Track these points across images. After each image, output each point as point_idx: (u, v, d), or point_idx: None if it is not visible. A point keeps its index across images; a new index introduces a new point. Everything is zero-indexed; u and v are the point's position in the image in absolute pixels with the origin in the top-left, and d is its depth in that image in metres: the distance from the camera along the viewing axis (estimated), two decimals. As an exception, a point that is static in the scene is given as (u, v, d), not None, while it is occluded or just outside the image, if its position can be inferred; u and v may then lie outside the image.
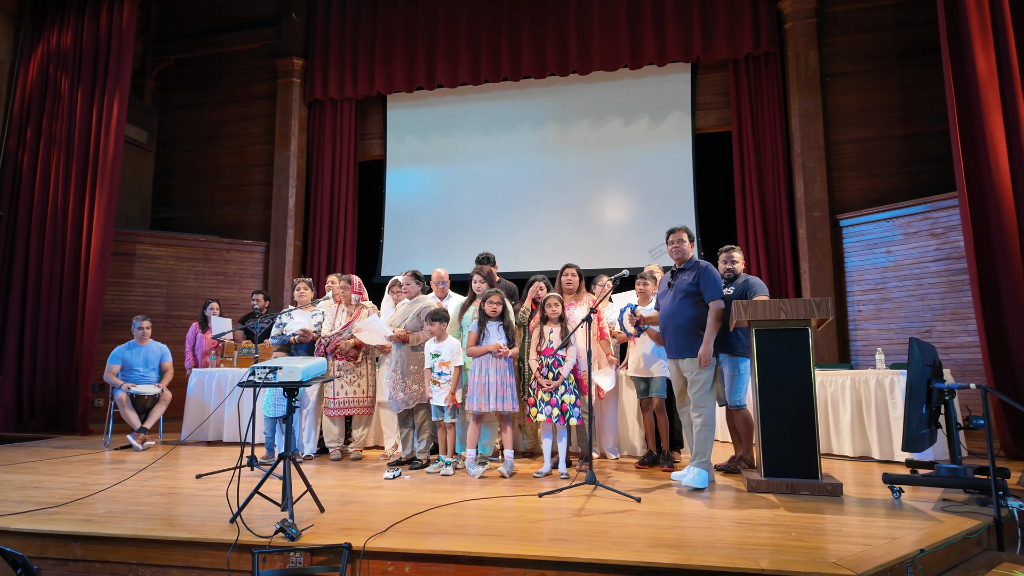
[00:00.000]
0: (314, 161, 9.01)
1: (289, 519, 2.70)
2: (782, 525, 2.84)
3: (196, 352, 6.38)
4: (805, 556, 2.36)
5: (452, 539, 2.63)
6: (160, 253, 8.28)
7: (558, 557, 2.40)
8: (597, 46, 8.01)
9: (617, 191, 8.20)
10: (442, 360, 4.22)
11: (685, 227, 4.08)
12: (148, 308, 8.09)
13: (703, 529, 2.77)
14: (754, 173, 7.57)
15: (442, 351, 4.24)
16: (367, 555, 2.53)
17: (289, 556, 2.62)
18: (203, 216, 9.16)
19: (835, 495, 3.47)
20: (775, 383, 3.69)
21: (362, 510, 3.20)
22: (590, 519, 2.95)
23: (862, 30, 7.43)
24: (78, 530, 2.87)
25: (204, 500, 3.48)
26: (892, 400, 4.67)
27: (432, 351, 4.28)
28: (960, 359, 6.17)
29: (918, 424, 3.36)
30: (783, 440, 3.63)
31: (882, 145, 7.26)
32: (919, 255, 6.59)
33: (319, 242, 8.77)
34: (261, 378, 2.85)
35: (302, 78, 9.05)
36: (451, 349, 4.24)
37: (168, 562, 2.75)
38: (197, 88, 9.47)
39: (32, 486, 3.88)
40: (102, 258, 6.89)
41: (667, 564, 2.30)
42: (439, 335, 4.28)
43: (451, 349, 4.24)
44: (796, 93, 7.43)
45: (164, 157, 9.40)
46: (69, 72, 7.41)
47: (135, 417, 5.53)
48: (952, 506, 3.21)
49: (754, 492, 3.58)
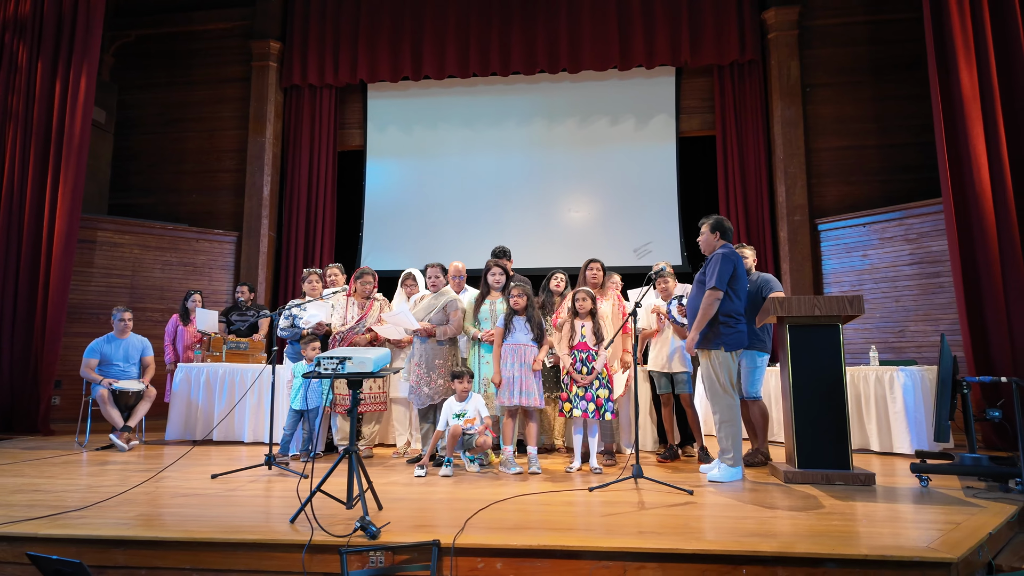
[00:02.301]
0: (290, 149, 8.65)
1: (365, 517, 2.56)
2: (844, 513, 2.92)
3: (177, 346, 6.00)
4: (891, 542, 2.44)
5: (537, 534, 2.57)
6: (124, 241, 7.74)
7: (659, 549, 2.38)
8: (587, 45, 8.06)
9: (603, 190, 8.27)
10: (468, 418, 4.06)
11: (710, 218, 4.11)
12: (110, 299, 7.55)
13: (777, 519, 2.81)
14: (738, 177, 7.80)
15: (467, 410, 4.07)
16: (457, 552, 2.44)
17: (368, 556, 2.49)
18: (167, 203, 8.62)
19: (868, 484, 3.61)
20: (808, 377, 3.80)
21: (418, 507, 3.08)
22: (659, 511, 2.95)
23: (840, 44, 7.80)
24: (122, 535, 2.63)
25: (239, 500, 3.27)
26: (891, 395, 4.91)
27: (456, 411, 4.08)
28: (931, 357, 6.55)
29: (946, 415, 3.54)
30: (816, 432, 3.75)
31: (857, 154, 7.64)
32: (894, 259, 6.97)
33: (295, 233, 8.42)
34: (329, 369, 2.70)
35: (278, 62, 8.68)
36: (476, 406, 4.09)
37: (228, 566, 2.56)
38: (161, 67, 8.91)
39: (29, 489, 3.54)
40: (67, 246, 6.38)
41: (769, 552, 2.33)
42: (461, 394, 4.11)
43: (476, 406, 4.09)
44: (779, 101, 7.71)
45: (124, 139, 8.80)
46: (28, 42, 6.82)
47: (118, 415, 5.15)
48: (981, 493, 3.40)
49: (791, 483, 3.67)
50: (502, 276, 4.53)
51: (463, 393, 4.10)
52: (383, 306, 4.90)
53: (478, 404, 4.13)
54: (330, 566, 2.49)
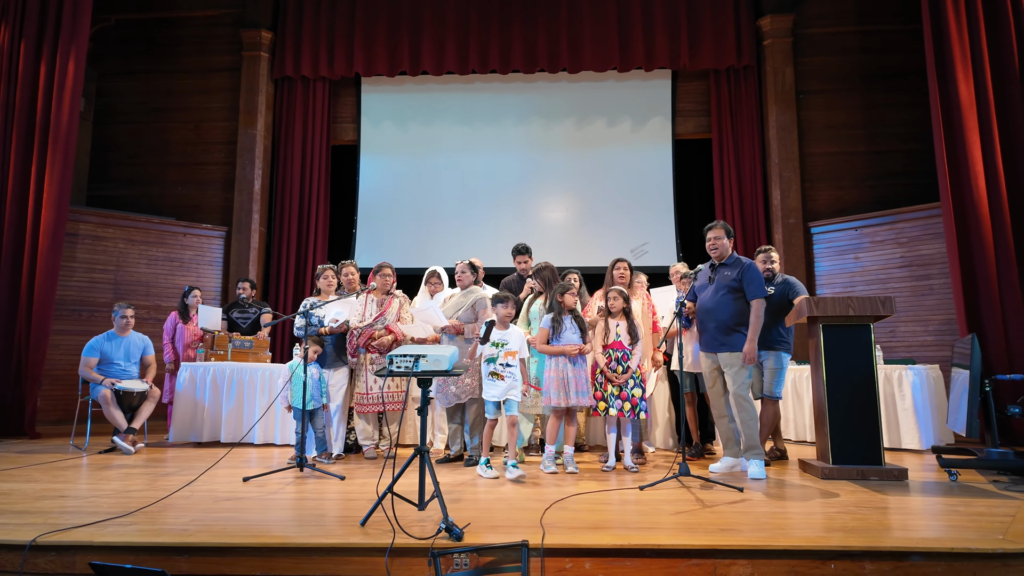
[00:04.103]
0: (281, 142, 8.41)
1: (448, 518, 2.50)
2: (901, 508, 3.01)
3: (177, 344, 5.76)
4: (960, 535, 2.52)
5: (619, 533, 2.57)
6: (107, 234, 7.40)
7: (749, 546, 2.40)
8: (588, 46, 8.09)
9: (600, 190, 8.31)
10: (509, 349, 3.91)
11: (722, 223, 4.19)
12: (93, 295, 7.22)
13: (844, 514, 2.86)
14: (734, 180, 7.96)
15: (509, 340, 3.94)
16: (547, 552, 2.41)
17: (453, 558, 2.43)
18: (150, 195, 8.27)
19: (901, 479, 3.72)
20: (841, 376, 3.90)
21: (479, 508, 3.03)
22: (721, 509, 2.98)
23: (831, 52, 8.03)
24: (187, 541, 2.51)
25: (287, 504, 3.15)
26: (900, 393, 5.08)
27: (497, 338, 3.94)
28: (921, 357, 6.81)
29: (975, 412, 3.69)
30: (849, 429, 3.85)
31: (847, 160, 7.88)
32: (885, 262, 7.22)
33: (288, 229, 8.20)
34: (403, 367, 2.62)
35: (270, 52, 8.43)
36: (519, 338, 4.00)
37: (302, 572, 2.46)
38: (143, 53, 8.54)
39: (53, 495, 3.34)
40: (55, 239, 6.05)
41: (858, 547, 2.37)
42: (503, 321, 4.04)
43: (519, 338, 4.00)
44: (774, 106, 7.89)
45: (104, 127, 8.40)
46: (9, 22, 6.43)
47: (121, 417, 4.90)
48: (1010, 487, 3.54)
49: (827, 479, 3.76)
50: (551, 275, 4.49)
51: (506, 318, 4.00)
52: (403, 303, 4.80)
53: (520, 336, 4.00)
54: (412, 569, 2.43)
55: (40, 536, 2.53)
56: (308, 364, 4.04)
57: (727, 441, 4.06)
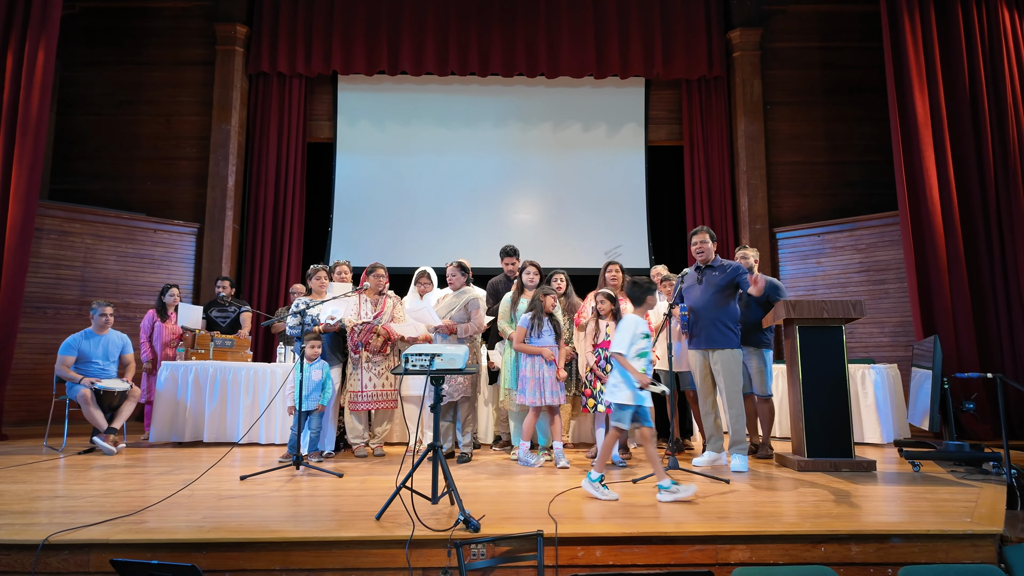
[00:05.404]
0: (256, 138, 8.30)
1: (465, 510, 2.60)
2: (876, 496, 3.25)
3: (155, 343, 5.66)
4: (928, 519, 2.76)
5: (626, 522, 2.71)
6: (74, 229, 7.18)
7: (747, 531, 2.58)
8: (566, 52, 8.26)
9: (575, 194, 8.49)
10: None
11: (706, 228, 4.43)
12: (59, 292, 7.00)
13: (827, 502, 3.09)
14: (704, 186, 8.26)
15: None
16: (560, 542, 2.53)
17: (470, 548, 2.53)
18: (117, 190, 8.05)
19: (869, 470, 3.99)
20: (815, 375, 4.15)
21: (488, 501, 3.13)
22: (713, 499, 3.16)
23: (797, 66, 8.41)
24: (204, 538, 2.54)
25: (294, 500, 3.20)
26: (863, 391, 5.40)
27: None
28: (878, 357, 7.22)
29: (937, 408, 3.99)
30: (823, 424, 4.10)
31: (810, 169, 8.28)
32: (844, 267, 7.62)
33: (262, 226, 8.10)
34: (418, 366, 2.71)
35: (245, 47, 8.31)
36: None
37: (321, 565, 2.53)
38: (110, 43, 8.30)
39: (48, 496, 3.30)
40: (23, 235, 5.84)
41: (844, 531, 2.58)
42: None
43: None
44: (742, 116, 8.22)
45: (68, 118, 8.14)
46: (-27, 8, 6.19)
47: (101, 417, 4.81)
48: (967, 475, 3.84)
49: (803, 471, 4.00)
50: (536, 275, 4.62)
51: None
52: (396, 303, 4.86)
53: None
54: (431, 560, 2.52)
55: (53, 535, 2.52)
56: (311, 364, 4.06)
57: (711, 437, 4.27)
